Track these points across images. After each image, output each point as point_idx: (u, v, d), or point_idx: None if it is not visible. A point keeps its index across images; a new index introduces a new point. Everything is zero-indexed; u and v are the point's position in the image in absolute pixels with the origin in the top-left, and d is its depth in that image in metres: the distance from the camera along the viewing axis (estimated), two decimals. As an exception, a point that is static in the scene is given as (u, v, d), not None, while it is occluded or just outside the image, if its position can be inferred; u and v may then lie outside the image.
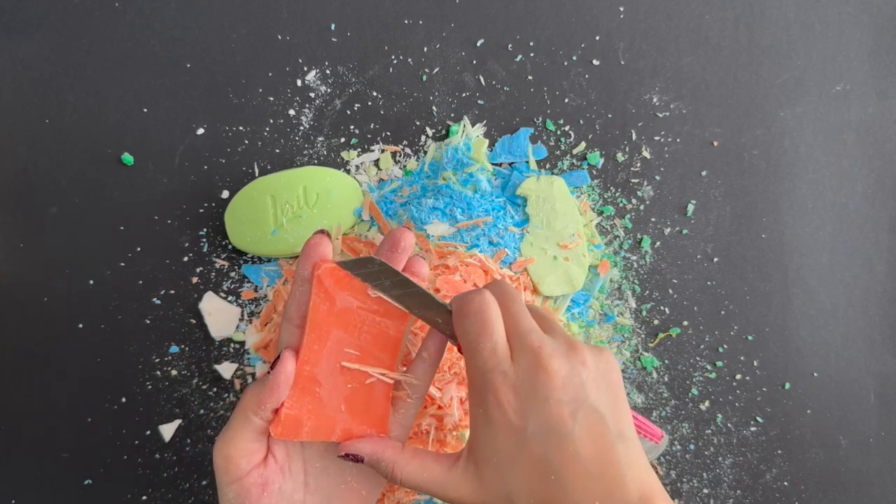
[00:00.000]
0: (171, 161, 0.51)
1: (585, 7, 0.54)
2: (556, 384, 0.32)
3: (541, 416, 0.32)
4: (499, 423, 0.33)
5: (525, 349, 0.33)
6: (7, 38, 0.51)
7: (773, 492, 0.54)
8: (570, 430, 0.32)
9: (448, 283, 0.47)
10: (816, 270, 0.55)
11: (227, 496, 0.36)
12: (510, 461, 0.33)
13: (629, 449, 0.33)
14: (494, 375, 0.33)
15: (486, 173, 0.52)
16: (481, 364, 0.34)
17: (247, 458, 0.35)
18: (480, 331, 0.34)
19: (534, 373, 0.33)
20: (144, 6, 0.52)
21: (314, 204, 0.50)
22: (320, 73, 0.52)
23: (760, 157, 0.55)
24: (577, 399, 0.33)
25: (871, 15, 0.57)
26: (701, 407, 0.54)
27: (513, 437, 0.33)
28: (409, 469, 0.35)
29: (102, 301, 0.50)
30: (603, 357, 0.35)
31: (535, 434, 0.32)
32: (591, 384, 0.33)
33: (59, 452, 0.50)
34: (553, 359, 0.33)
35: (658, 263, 0.54)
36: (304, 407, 0.37)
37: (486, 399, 0.33)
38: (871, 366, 0.56)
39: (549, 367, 0.33)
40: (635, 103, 0.55)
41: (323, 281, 0.36)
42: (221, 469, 0.35)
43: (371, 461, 0.36)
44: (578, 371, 0.33)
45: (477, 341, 0.34)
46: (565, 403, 0.32)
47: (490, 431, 0.33)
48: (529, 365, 0.33)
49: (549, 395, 0.32)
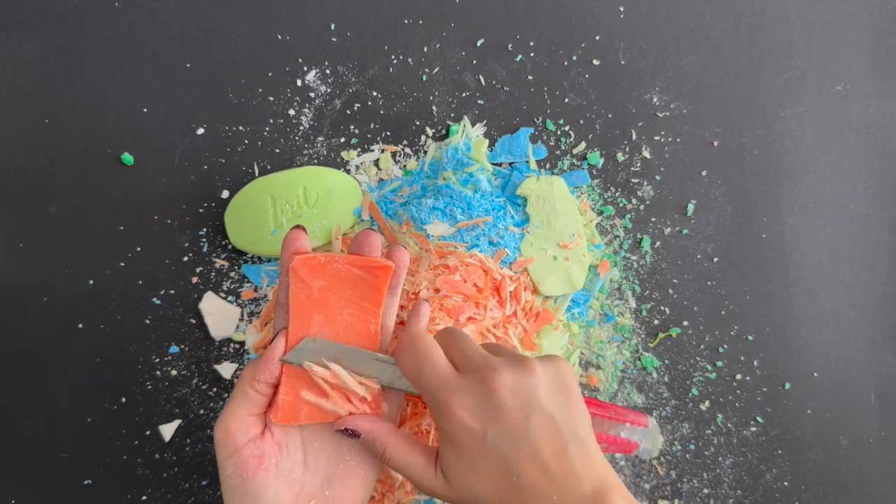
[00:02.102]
0: (170, 161, 0.51)
1: (585, 7, 0.54)
2: (505, 394, 0.35)
3: (497, 422, 0.34)
4: (458, 436, 0.35)
5: (471, 367, 0.36)
6: (7, 38, 0.51)
7: (773, 492, 0.54)
8: (524, 432, 0.34)
9: (448, 283, 0.47)
10: (817, 270, 0.55)
11: (227, 472, 0.37)
12: (474, 467, 0.35)
13: (583, 446, 0.35)
14: (442, 393, 0.35)
15: (486, 173, 0.52)
16: (426, 386, 0.36)
17: (244, 430, 0.37)
18: (417, 358, 0.37)
19: (482, 383, 0.35)
20: (144, 6, 0.51)
21: (314, 204, 0.50)
22: (320, 72, 0.52)
23: (761, 157, 0.55)
24: (528, 404, 0.35)
25: (871, 15, 0.56)
26: (701, 407, 0.54)
27: (474, 446, 0.35)
28: (398, 452, 0.37)
29: (102, 301, 0.50)
30: (554, 364, 0.37)
31: (493, 440, 0.34)
32: (542, 389, 0.36)
33: (59, 452, 0.50)
34: (498, 371, 0.35)
35: (658, 263, 0.54)
36: (299, 391, 0.39)
37: (442, 417, 0.35)
38: (872, 366, 0.56)
39: (496, 377, 0.35)
40: (635, 103, 0.55)
41: (298, 271, 0.38)
42: (221, 442, 0.37)
43: (366, 438, 0.38)
44: (527, 379, 0.36)
45: (417, 368, 0.37)
46: (517, 409, 0.35)
47: (454, 447, 0.35)
48: (477, 379, 0.35)
49: (500, 403, 0.35)
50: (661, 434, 0.53)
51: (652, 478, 0.54)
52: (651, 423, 0.47)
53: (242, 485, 0.37)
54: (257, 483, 0.37)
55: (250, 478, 0.37)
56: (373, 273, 0.40)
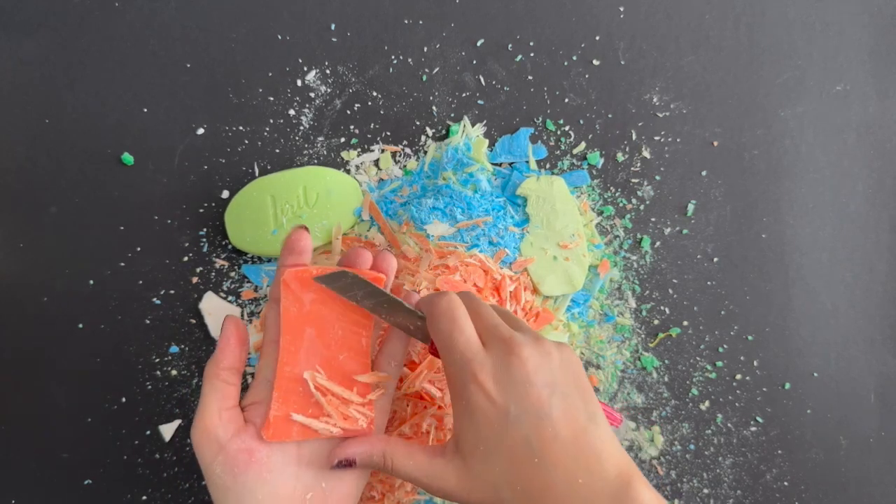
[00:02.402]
0: (171, 161, 0.51)
1: (585, 7, 0.54)
2: (530, 369, 0.35)
3: (521, 400, 0.34)
4: (482, 410, 0.34)
5: (497, 340, 0.36)
6: (7, 38, 0.51)
7: (773, 492, 0.54)
8: (548, 412, 0.34)
9: (448, 283, 0.47)
10: (817, 270, 0.55)
11: (215, 473, 0.36)
12: (495, 447, 0.34)
13: (601, 429, 0.35)
14: (473, 365, 0.35)
15: (486, 173, 0.52)
16: (458, 357, 0.36)
17: (223, 426, 0.37)
18: (452, 326, 0.36)
19: (508, 360, 0.35)
20: (144, 6, 0.51)
21: (314, 204, 0.50)
22: (320, 73, 0.52)
23: (761, 157, 0.55)
24: (550, 384, 0.35)
25: (871, 15, 0.56)
26: (701, 407, 0.54)
27: (496, 421, 0.34)
28: (397, 457, 0.37)
29: (102, 301, 0.50)
30: (565, 350, 0.37)
31: (517, 417, 0.34)
32: (559, 372, 0.36)
33: (59, 452, 0.50)
34: (524, 346, 0.35)
35: (658, 263, 0.54)
36: (290, 407, 0.38)
37: (468, 389, 0.35)
38: (872, 366, 0.56)
39: (522, 353, 0.35)
40: (635, 103, 0.55)
41: (289, 285, 0.38)
42: (202, 444, 0.36)
43: (363, 461, 0.37)
44: (547, 359, 0.36)
45: (451, 336, 0.36)
46: (541, 387, 0.34)
47: (473, 422, 0.35)
48: (503, 353, 0.35)
49: (525, 380, 0.34)
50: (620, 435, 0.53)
51: (652, 478, 0.54)
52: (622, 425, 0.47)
53: (235, 482, 0.35)
54: (250, 478, 0.36)
55: (242, 473, 0.36)
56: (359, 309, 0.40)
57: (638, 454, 0.54)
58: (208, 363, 0.38)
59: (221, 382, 0.38)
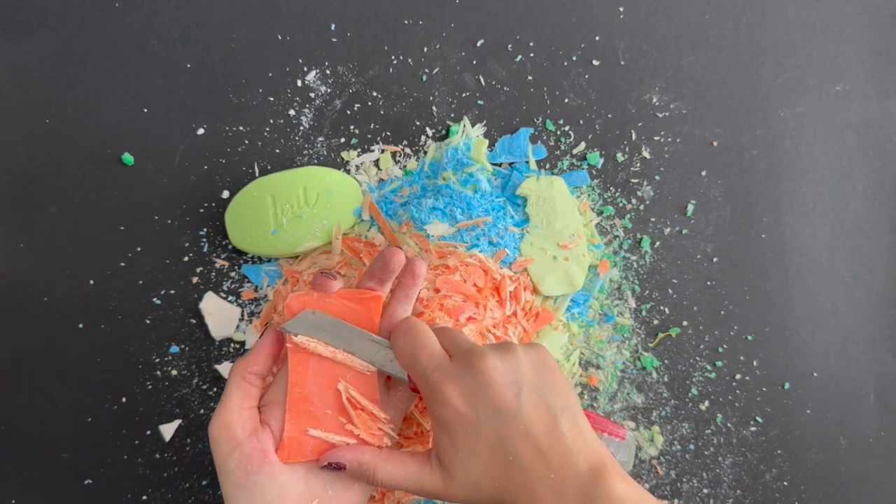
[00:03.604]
0: (171, 161, 0.51)
1: (585, 7, 0.54)
2: (494, 373, 0.35)
3: (488, 403, 0.35)
4: (452, 420, 0.35)
5: (461, 351, 0.37)
6: (7, 38, 0.51)
7: (772, 492, 0.54)
8: (516, 409, 0.35)
9: (448, 282, 0.47)
10: (816, 270, 0.55)
11: (229, 468, 0.37)
12: (470, 452, 0.35)
13: (574, 423, 0.35)
14: (436, 375, 0.36)
15: (486, 173, 0.52)
16: (422, 371, 0.37)
17: (241, 424, 0.37)
18: (413, 342, 0.37)
19: (472, 366, 0.36)
20: (144, 6, 0.51)
21: (314, 204, 0.50)
22: (320, 73, 0.52)
23: (760, 157, 0.55)
24: (516, 381, 0.36)
25: (871, 15, 0.57)
26: (701, 407, 0.54)
27: (468, 428, 0.35)
28: (388, 468, 0.37)
29: (102, 301, 0.50)
30: (533, 348, 0.38)
31: (486, 420, 0.35)
32: (527, 368, 0.36)
33: (59, 452, 0.50)
34: (486, 353, 0.36)
35: (658, 263, 0.54)
36: (304, 428, 0.38)
37: (437, 402, 0.36)
38: (871, 366, 0.56)
39: (484, 359, 0.36)
40: (635, 103, 0.55)
41: (292, 308, 0.39)
42: (220, 440, 0.37)
43: (353, 468, 0.38)
44: (512, 359, 0.36)
45: (413, 353, 0.37)
46: (507, 386, 0.35)
47: (447, 432, 0.36)
48: (467, 360, 0.36)
49: (489, 383, 0.35)
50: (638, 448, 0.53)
51: (652, 477, 0.54)
52: (628, 437, 0.47)
53: (248, 479, 0.36)
54: (262, 477, 0.36)
55: (255, 472, 0.36)
56: (364, 304, 0.41)
57: (638, 454, 0.54)
58: (238, 362, 0.39)
59: (246, 383, 0.39)
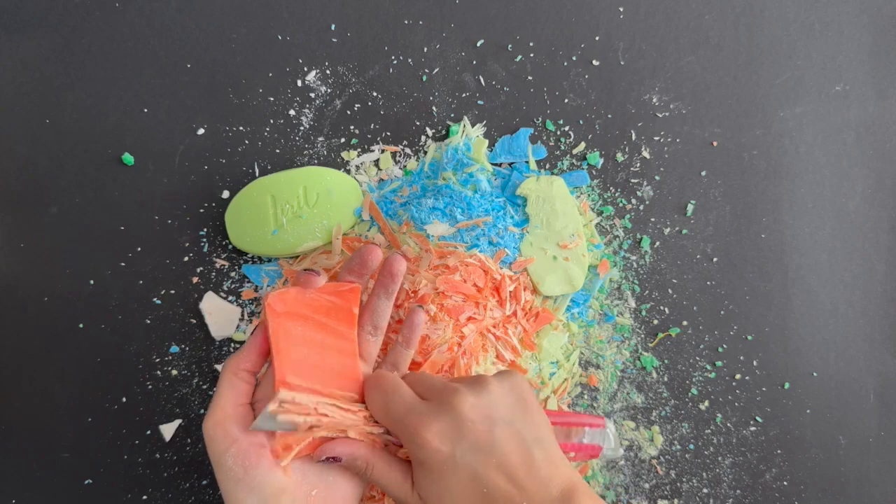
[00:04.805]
0: (171, 161, 0.51)
1: (585, 7, 0.54)
2: (468, 410, 0.36)
3: (463, 440, 0.36)
4: (429, 460, 0.36)
5: (434, 391, 0.38)
6: (7, 38, 0.51)
7: (772, 491, 0.54)
8: (490, 445, 0.36)
9: (448, 282, 0.47)
10: (816, 270, 0.55)
11: (226, 465, 0.37)
12: (447, 488, 0.36)
13: (546, 451, 0.37)
14: (411, 417, 0.36)
15: (486, 173, 0.52)
16: (394, 416, 0.37)
17: (236, 421, 0.37)
18: (384, 393, 0.38)
19: (446, 405, 0.36)
20: (144, 6, 0.52)
21: (314, 204, 0.50)
22: (320, 73, 0.53)
23: (760, 157, 0.55)
24: (489, 417, 0.36)
25: (870, 15, 0.57)
26: (700, 407, 0.54)
27: (446, 468, 0.36)
28: (378, 467, 0.38)
29: (102, 301, 0.50)
30: (509, 377, 0.39)
31: (462, 456, 0.35)
32: (500, 401, 0.37)
33: (59, 452, 0.50)
34: (458, 391, 0.37)
35: (658, 263, 0.54)
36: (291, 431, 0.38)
37: (414, 443, 0.36)
38: (871, 366, 0.56)
39: (457, 396, 0.36)
40: (635, 103, 0.55)
41: (273, 306, 0.39)
42: (215, 437, 0.37)
43: (348, 461, 0.38)
44: (486, 395, 0.37)
45: (385, 402, 0.38)
46: (480, 422, 0.36)
47: (426, 472, 0.36)
48: (440, 399, 0.37)
49: (464, 420, 0.36)
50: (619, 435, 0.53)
51: (651, 477, 0.54)
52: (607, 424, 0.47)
53: (246, 475, 0.36)
54: (261, 471, 0.36)
55: (253, 467, 0.36)
56: (342, 296, 0.41)
57: (637, 454, 0.54)
58: (230, 359, 0.39)
59: (239, 380, 0.39)
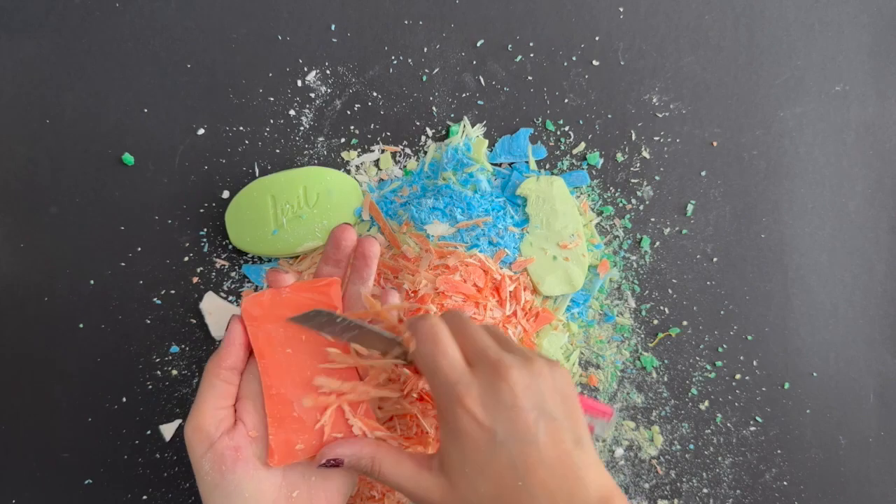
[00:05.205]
0: (171, 161, 0.51)
1: (585, 7, 0.54)
2: (518, 393, 0.34)
3: (508, 423, 0.34)
4: (469, 433, 0.34)
5: (484, 362, 0.35)
6: (7, 38, 0.51)
7: (772, 491, 0.54)
8: (534, 435, 0.34)
9: (448, 282, 0.47)
10: (816, 270, 0.55)
11: (204, 469, 0.36)
12: (480, 470, 0.34)
13: (586, 454, 0.35)
14: (459, 388, 0.35)
15: (486, 173, 0.52)
16: (443, 380, 0.35)
17: (215, 424, 0.37)
18: (435, 349, 0.36)
19: (496, 383, 0.34)
20: (144, 6, 0.52)
21: (314, 204, 0.50)
22: (320, 73, 0.53)
23: (760, 158, 0.55)
24: (537, 407, 0.35)
25: (870, 15, 0.57)
26: (700, 407, 0.54)
27: (483, 445, 0.34)
28: (386, 462, 0.36)
29: (102, 301, 0.50)
30: (557, 369, 0.37)
31: (503, 440, 0.34)
32: (548, 394, 0.35)
33: (59, 452, 0.50)
34: (512, 369, 0.35)
35: (658, 263, 0.55)
36: (288, 429, 0.38)
37: (454, 413, 0.35)
38: (871, 366, 0.56)
39: (510, 376, 0.34)
40: (635, 103, 0.55)
41: (250, 311, 0.38)
42: (194, 440, 0.37)
43: (351, 462, 0.37)
44: (536, 381, 0.35)
45: (434, 360, 0.36)
46: (528, 410, 0.34)
47: (459, 444, 0.35)
48: (490, 376, 0.35)
49: (513, 403, 0.34)
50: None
51: (651, 477, 0.54)
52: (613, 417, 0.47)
53: (223, 479, 0.36)
54: (237, 475, 0.36)
55: (230, 470, 0.36)
56: (321, 291, 0.40)
57: (637, 454, 0.54)
58: (210, 361, 0.39)
59: (221, 381, 0.38)
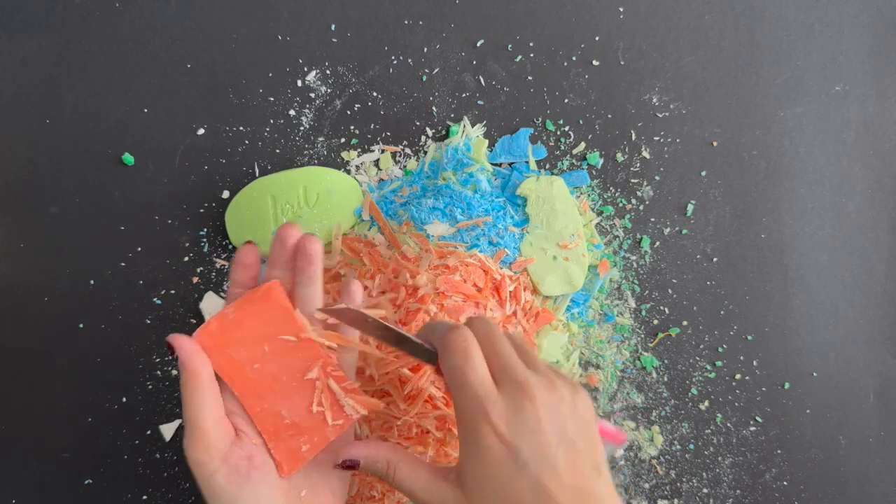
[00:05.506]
0: (171, 161, 0.51)
1: (585, 7, 0.54)
2: (542, 415, 0.34)
3: (531, 445, 0.34)
4: (491, 451, 0.34)
5: (511, 382, 0.36)
6: (7, 38, 0.51)
7: (772, 491, 0.54)
8: (554, 459, 0.34)
9: (448, 282, 0.47)
10: (816, 270, 0.55)
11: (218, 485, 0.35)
12: (499, 489, 0.34)
13: (604, 482, 0.35)
14: (486, 404, 0.35)
15: (486, 173, 0.52)
16: (471, 394, 0.35)
17: (220, 437, 0.36)
18: (466, 364, 0.36)
19: (521, 403, 0.35)
20: (144, 6, 0.52)
21: (314, 204, 0.50)
22: (320, 73, 0.53)
23: (760, 158, 0.55)
24: (559, 431, 0.35)
25: (870, 15, 0.57)
26: (700, 407, 0.54)
27: (504, 464, 0.34)
28: (402, 468, 0.36)
29: (102, 301, 0.50)
30: (578, 394, 0.37)
31: (526, 461, 0.34)
32: (570, 419, 0.35)
33: (60, 452, 0.50)
34: (538, 390, 0.35)
35: (658, 263, 0.55)
36: (286, 437, 0.38)
37: (479, 429, 0.35)
38: (871, 366, 0.56)
39: (535, 398, 0.35)
40: (635, 103, 0.55)
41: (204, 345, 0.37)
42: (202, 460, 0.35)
43: (367, 464, 0.37)
44: (559, 406, 0.35)
45: (463, 374, 0.36)
46: (551, 434, 0.34)
47: (480, 461, 0.35)
48: (516, 396, 0.35)
49: (536, 426, 0.34)
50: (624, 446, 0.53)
51: (651, 477, 0.54)
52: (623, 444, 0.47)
53: (240, 491, 0.35)
54: (253, 484, 0.36)
55: (245, 481, 0.36)
56: (263, 300, 0.38)
57: (637, 454, 0.54)
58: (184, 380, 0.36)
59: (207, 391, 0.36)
